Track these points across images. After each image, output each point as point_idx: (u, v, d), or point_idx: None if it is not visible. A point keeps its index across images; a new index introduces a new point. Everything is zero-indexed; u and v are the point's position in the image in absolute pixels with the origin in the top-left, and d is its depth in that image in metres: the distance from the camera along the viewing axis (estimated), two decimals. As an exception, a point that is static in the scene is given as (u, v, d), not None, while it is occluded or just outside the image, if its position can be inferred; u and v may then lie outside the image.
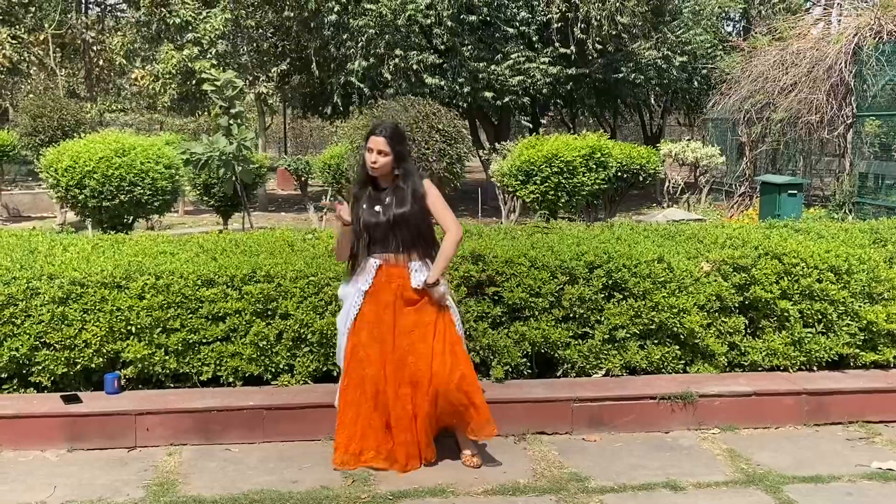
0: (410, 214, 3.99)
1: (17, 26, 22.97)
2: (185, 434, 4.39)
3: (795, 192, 11.63)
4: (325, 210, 13.59)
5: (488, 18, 16.46)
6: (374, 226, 4.02)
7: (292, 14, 16.52)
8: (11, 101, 26.71)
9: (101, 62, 25.21)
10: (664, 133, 25.78)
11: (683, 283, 4.96)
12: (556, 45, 16.73)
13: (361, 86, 16.43)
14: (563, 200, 10.51)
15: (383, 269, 4.06)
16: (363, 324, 4.06)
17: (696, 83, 19.90)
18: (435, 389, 3.98)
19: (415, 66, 16.05)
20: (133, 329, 4.55)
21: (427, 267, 4.05)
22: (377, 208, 4.03)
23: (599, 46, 16.79)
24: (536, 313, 4.83)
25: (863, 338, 5.02)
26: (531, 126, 19.47)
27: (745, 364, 5.01)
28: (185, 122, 25.49)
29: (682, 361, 4.99)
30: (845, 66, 13.65)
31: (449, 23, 15.88)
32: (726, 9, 21.97)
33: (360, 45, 16.10)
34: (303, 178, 15.14)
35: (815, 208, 13.50)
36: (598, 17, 16.38)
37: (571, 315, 4.87)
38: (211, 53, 17.22)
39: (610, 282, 4.90)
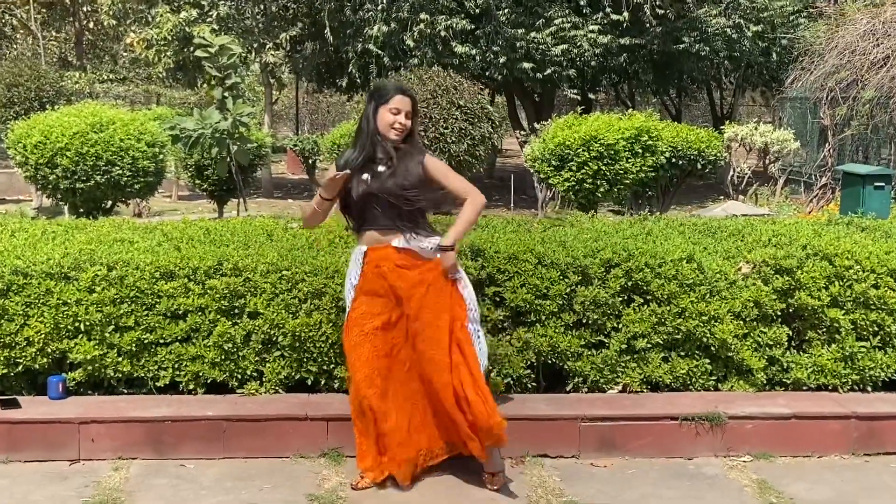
0: (411, 184, 4.06)
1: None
2: (135, 446, 4.47)
3: (883, 184, 11.41)
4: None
5: (529, -23, 16.46)
6: (363, 197, 4.08)
7: (304, -29, 16.69)
8: (-7, 69, 27.32)
9: (91, 25, 25.66)
10: (738, 114, 25.50)
11: (716, 286, 4.93)
12: (608, 10, 16.64)
13: (381, 54, 16.52)
14: (602, 190, 10.47)
15: (369, 254, 4.13)
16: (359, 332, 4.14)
17: (774, 56, 19.65)
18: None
19: (443, 33, 16.10)
20: (82, 326, 4.65)
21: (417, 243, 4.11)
22: (364, 176, 4.09)
23: (659, 12, 16.68)
24: (543, 318, 4.84)
25: (927, 355, 4.94)
26: (579, 103, 19.38)
27: (788, 382, 4.96)
28: (186, 95, 25.83)
29: (713, 377, 4.96)
30: (946, 37, 13.40)
31: (484, -18, 15.91)
32: (813, -32, 21.65)
33: (380, 7, 16.20)
34: (310, 160, 15.26)
35: (908, 204, 13.28)
36: (658, -23, 16.29)
37: (584, 321, 4.87)
38: (211, 17, 17.43)
39: (629, 283, 4.89)
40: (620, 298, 4.88)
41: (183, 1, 17.94)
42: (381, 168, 4.10)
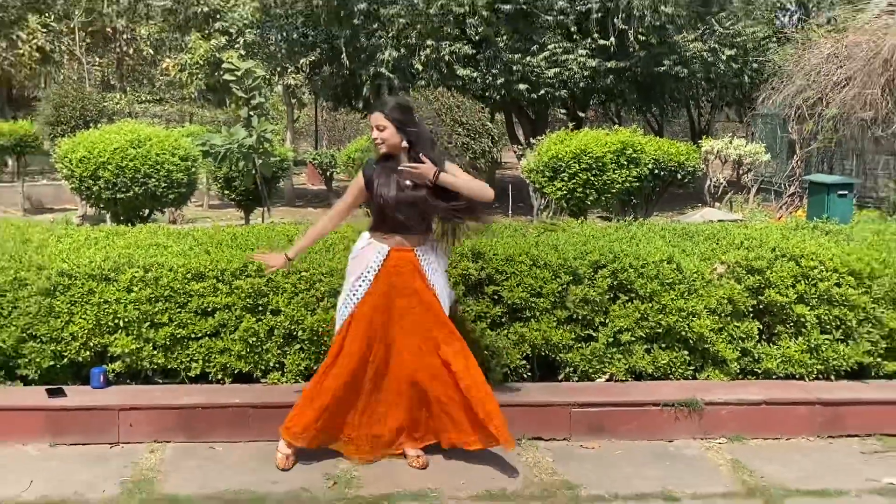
0: (431, 192, 4.00)
1: (47, 14, 23.52)
2: (170, 431, 4.47)
3: (846, 192, 11.37)
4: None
5: (524, 7, 16.43)
6: (395, 204, 4.02)
7: (322, 2, 16.68)
8: (44, 91, 27.36)
9: (131, 51, 25.71)
10: (714, 130, 25.45)
11: (693, 285, 4.91)
12: (596, 36, 16.63)
13: (392, 77, 16.52)
14: (591, 198, 10.44)
15: (392, 254, 4.09)
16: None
17: (746, 77, 19.61)
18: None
19: (447, 58, 16.11)
20: (121, 323, 4.66)
21: (434, 251, 4.14)
22: (390, 183, 4.05)
23: (642, 38, 16.66)
24: (537, 314, 4.83)
25: (885, 346, 4.92)
26: (570, 120, 19.36)
27: (759, 371, 4.95)
28: (215, 114, 25.85)
29: (692, 367, 4.94)
30: (902, 60, 13.36)
31: (483, 12, 15.90)
32: (781, -1, 21.66)
33: (390, 34, 16.21)
34: (328, 173, 15.28)
35: (868, 210, 13.23)
36: (641, 7, 16.25)
37: (574, 317, 4.86)
38: (239, 43, 17.47)
39: (615, 282, 4.88)
40: (607, 296, 4.87)
41: (213, 29, 17.96)
42: (408, 182, 4.04)
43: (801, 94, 15.39)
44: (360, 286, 4.11)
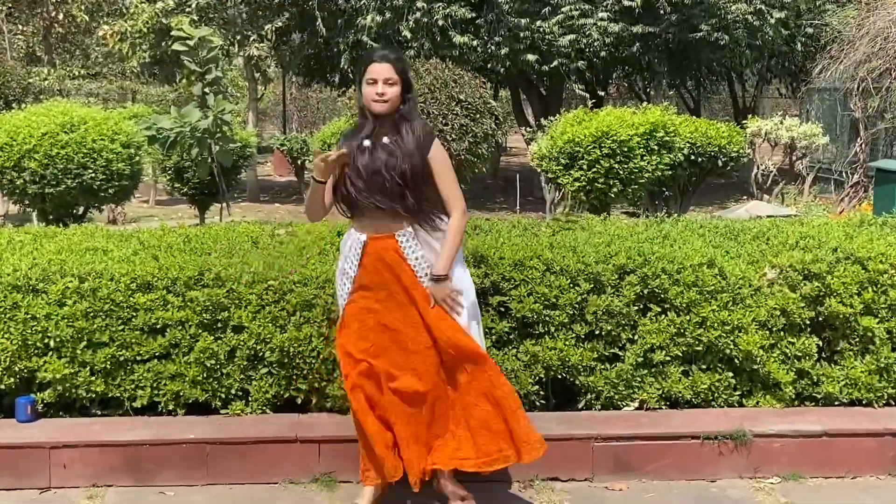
0: (412, 165, 3.95)
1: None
2: (112, 473, 4.47)
3: (919, 181, 11.47)
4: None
5: (534, -38, 16.49)
6: (365, 175, 3.96)
7: (291, -44, 16.72)
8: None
9: (61, 17, 25.72)
10: (761, 108, 25.54)
11: (740, 293, 4.92)
12: (619, -5, 16.67)
13: (375, 46, 16.50)
14: (615, 190, 10.48)
15: (370, 244, 4.03)
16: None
17: (799, 45, 19.66)
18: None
19: (441, 22, 16.11)
20: (52, 343, 4.65)
21: (421, 242, 4.03)
22: (365, 155, 3.99)
23: (673, -2, 16.70)
24: (552, 330, 4.84)
25: (969, 366, 4.94)
26: (589, 98, 19.40)
27: (818, 396, 4.96)
28: (163, 92, 25.87)
29: (738, 392, 4.95)
30: None
31: (485, -33, 15.94)
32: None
33: (373, -5, 16.21)
34: (299, 161, 15.27)
35: (946, 203, 13.29)
36: (673, -40, 16.31)
37: (596, 332, 4.86)
38: (190, 7, 17.45)
39: (646, 291, 4.88)
40: (636, 307, 4.87)
41: (160, -10, 17.96)
42: (385, 140, 3.99)
43: (866, 64, 15.47)
44: (345, 284, 4.12)
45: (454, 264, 4.04)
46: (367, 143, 4.00)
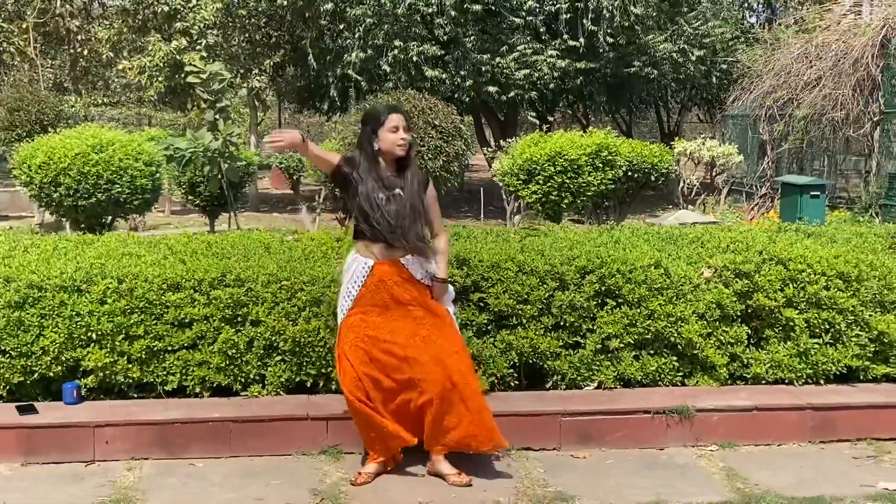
0: (418, 203, 4.09)
1: (-2, 14, 23.10)
2: (147, 448, 4.38)
3: (818, 193, 11.58)
4: (318, 211, 13.62)
5: (493, 8, 16.49)
6: (381, 210, 4.02)
7: (286, 2, 16.57)
8: (-6, 94, 26.83)
9: (86, 52, 25.30)
10: (682, 131, 25.72)
11: (682, 289, 4.93)
12: (565, 37, 16.74)
13: (359, 79, 16.46)
14: (567, 201, 10.48)
15: (376, 267, 4.08)
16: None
17: (714, 78, 19.87)
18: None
19: (415, 59, 16.08)
20: (94, 336, 4.56)
21: (419, 264, 4.13)
22: (395, 191, 4.06)
23: (611, 39, 16.80)
24: (524, 321, 4.82)
25: (873, 349, 4.97)
26: (539, 123, 19.43)
27: (748, 377, 4.97)
28: (175, 117, 25.58)
29: (681, 374, 4.96)
30: (872, 60, 13.61)
31: (452, 12, 15.90)
32: (749, -1, 21.96)
33: (357, 35, 16.14)
34: (295, 177, 15.17)
35: (839, 211, 13.46)
36: (610, 8, 16.38)
37: (562, 323, 4.85)
38: (200, 45, 17.27)
39: (603, 288, 4.88)
40: (595, 302, 4.87)
41: (174, 30, 17.74)
42: (397, 190, 4.07)
43: (772, 94, 15.62)
44: (346, 303, 4.18)
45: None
46: (398, 190, 4.07)
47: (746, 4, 22.78)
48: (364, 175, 4.08)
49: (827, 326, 4.94)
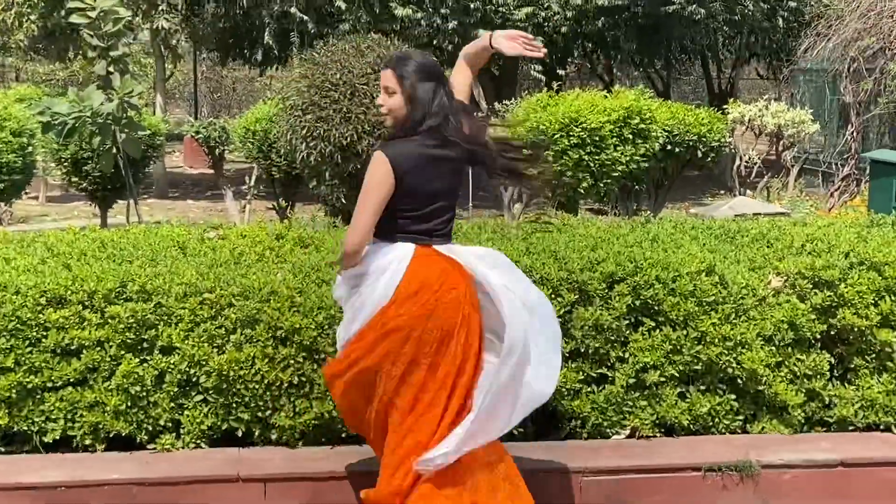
0: None
1: None
2: (20, 520, 4.36)
3: (920, 174, 11.68)
4: (248, 198, 13.58)
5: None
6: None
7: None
8: None
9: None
10: (738, 91, 25.89)
11: (743, 304, 4.97)
12: (582, -38, 16.81)
13: (304, 18, 16.44)
14: (585, 185, 10.53)
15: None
16: None
17: (780, 21, 19.97)
18: None
19: (380, -9, 16.09)
20: (-54, 368, 4.53)
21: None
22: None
23: (643, -33, 16.88)
24: (531, 347, 4.82)
25: None
26: (546, 80, 19.49)
27: (831, 421, 5.02)
28: (53, 70, 25.50)
29: (741, 417, 5.00)
30: None
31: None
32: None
33: (302, -41, 16.15)
34: (217, 151, 15.13)
35: (949, 198, 13.59)
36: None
37: (582, 350, 4.87)
38: (88, -29, 17.17)
39: (638, 302, 4.90)
40: (627, 322, 4.89)
41: (51, -50, 17.69)
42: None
43: (857, 42, 15.76)
44: None
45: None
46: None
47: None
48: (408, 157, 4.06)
49: (936, 353, 4.99)
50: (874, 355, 5.02)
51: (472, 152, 4.10)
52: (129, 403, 4.63)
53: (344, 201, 10.47)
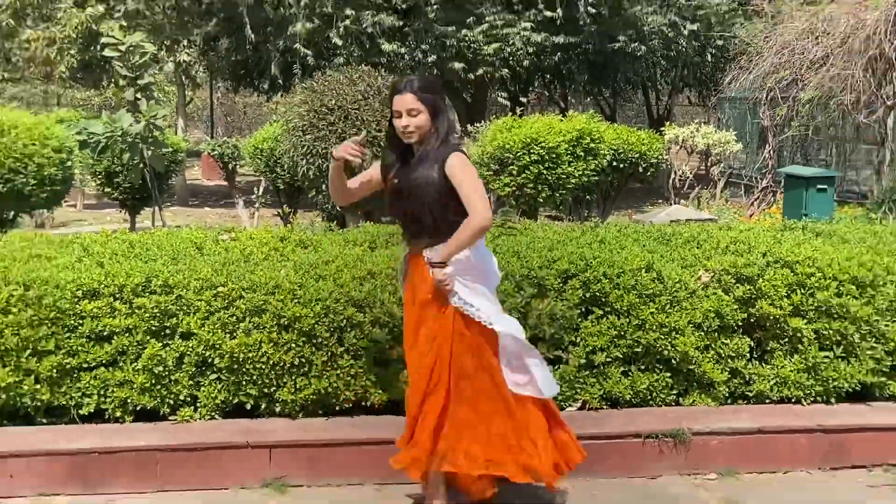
0: (426, 183, 3.86)
1: None
2: (60, 482, 4.32)
3: (826, 186, 11.75)
4: (257, 206, 13.51)
5: (459, -28, 16.52)
6: (392, 195, 3.99)
7: (219, -37, 16.46)
8: None
9: (-17, 20, 24.90)
10: (673, 116, 25.96)
11: (677, 296, 4.97)
12: (541, 6, 16.78)
13: (305, 53, 16.36)
14: (544, 195, 10.52)
15: (410, 260, 4.05)
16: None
17: (709, 56, 20.03)
18: None
19: (369, 30, 16.04)
20: (-5, 351, 4.48)
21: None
22: (396, 176, 3.99)
23: (593, 10, 16.87)
24: (497, 333, 4.81)
25: (891, 363, 5.05)
26: (511, 105, 19.50)
27: (750, 395, 5.02)
28: (89, 96, 25.27)
29: (675, 391, 4.99)
30: (886, 37, 13.81)
31: (411, -25, 15.91)
32: (747, -35, 22.19)
33: (302, 3, 16.04)
34: (230, 166, 15.03)
35: (850, 206, 13.66)
36: (592, -26, 16.49)
37: (540, 335, 4.84)
38: (119, 12, 17.07)
39: (587, 295, 4.90)
40: (578, 311, 4.89)
41: (88, -5, 17.54)
42: (408, 165, 3.97)
43: (774, 74, 15.79)
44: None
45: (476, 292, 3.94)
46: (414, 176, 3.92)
47: (745, -29, 23.01)
48: (389, 160, 4.05)
49: (838, 338, 4.99)
50: (787, 339, 5.03)
51: None
52: (153, 381, 4.60)
53: (339, 209, 10.45)
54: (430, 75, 4.22)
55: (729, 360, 5.00)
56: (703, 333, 4.96)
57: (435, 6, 16.37)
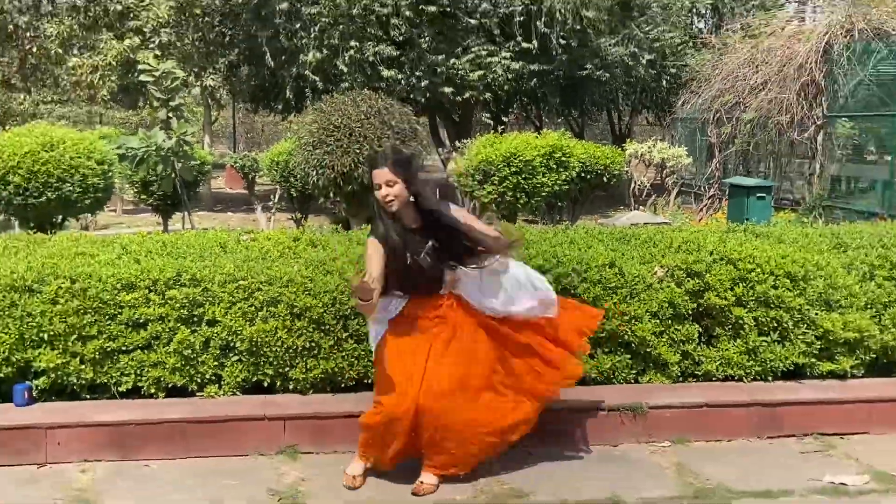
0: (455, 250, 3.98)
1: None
2: (101, 449, 4.30)
3: (765, 195, 11.77)
4: (273, 210, 13.50)
5: (448, 9, 16.50)
6: (412, 270, 3.95)
7: (241, 0, 16.40)
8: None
9: (35, 49, 24.76)
10: (633, 133, 26.02)
11: (636, 289, 4.97)
12: (519, 39, 16.81)
13: (315, 78, 16.35)
14: (522, 202, 10.53)
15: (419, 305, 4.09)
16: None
17: (664, 82, 20.13)
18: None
19: (371, 59, 16.03)
20: (46, 336, 4.46)
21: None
22: (421, 254, 3.93)
23: (563, 42, 16.91)
24: (480, 320, 4.80)
25: (819, 347, 5.06)
26: (493, 124, 19.50)
27: (699, 374, 5.03)
28: (127, 116, 25.15)
29: (634, 371, 5.00)
30: (816, 66, 13.90)
31: (407, 13, 15.89)
32: (696, 5, 22.24)
33: (313, 35, 16.04)
34: (250, 177, 15.06)
35: (785, 212, 13.71)
36: (563, 11, 16.51)
37: (518, 322, 4.84)
38: (153, 43, 17.02)
39: (559, 288, 4.88)
40: (550, 301, 4.88)
41: (126, 28, 17.45)
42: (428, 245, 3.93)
43: (719, 98, 15.88)
44: None
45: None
46: (423, 251, 3.94)
47: (695, 10, 23.04)
48: (389, 237, 3.94)
49: (775, 325, 5.00)
50: (731, 326, 5.03)
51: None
52: (182, 363, 4.58)
53: (344, 213, 10.45)
54: (400, 149, 4.21)
55: (681, 344, 5.00)
56: (658, 321, 4.96)
57: (427, 38, 16.39)
